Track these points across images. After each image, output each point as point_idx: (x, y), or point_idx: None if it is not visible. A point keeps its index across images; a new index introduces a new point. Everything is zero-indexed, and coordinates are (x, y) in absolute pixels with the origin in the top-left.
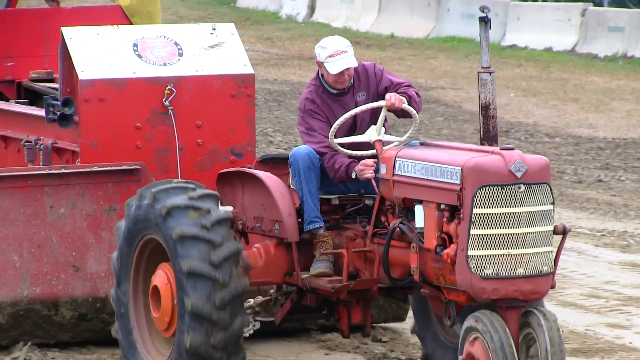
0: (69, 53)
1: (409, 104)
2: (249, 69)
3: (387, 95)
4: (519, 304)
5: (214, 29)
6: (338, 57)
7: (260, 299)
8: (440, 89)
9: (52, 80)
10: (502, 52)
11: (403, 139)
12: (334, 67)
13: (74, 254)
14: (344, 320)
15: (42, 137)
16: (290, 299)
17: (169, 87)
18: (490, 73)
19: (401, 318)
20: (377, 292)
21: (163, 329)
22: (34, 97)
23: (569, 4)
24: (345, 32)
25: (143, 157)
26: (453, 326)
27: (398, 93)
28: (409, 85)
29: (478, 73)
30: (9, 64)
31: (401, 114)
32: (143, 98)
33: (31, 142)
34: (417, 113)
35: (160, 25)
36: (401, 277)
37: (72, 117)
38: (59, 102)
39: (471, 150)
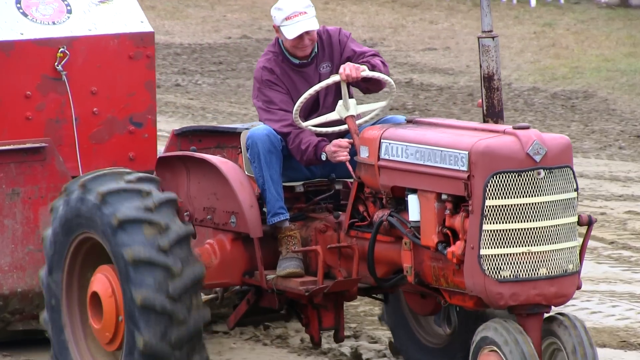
0: None
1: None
2: (147, 27)
3: (342, 67)
4: (541, 310)
5: None
6: (296, 20)
7: (202, 297)
8: None
9: None
10: None
11: (380, 105)
12: (291, 31)
13: None
14: (313, 325)
15: None
16: (247, 300)
17: (61, 49)
18: (493, 38)
19: None
20: (356, 293)
21: (107, 342)
22: None
23: None
24: None
25: (34, 129)
26: (453, 333)
27: (359, 63)
28: (374, 54)
29: (478, 38)
30: None
31: (365, 87)
32: (33, 62)
33: None
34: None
35: None
36: (385, 276)
37: None
38: None
39: (477, 129)
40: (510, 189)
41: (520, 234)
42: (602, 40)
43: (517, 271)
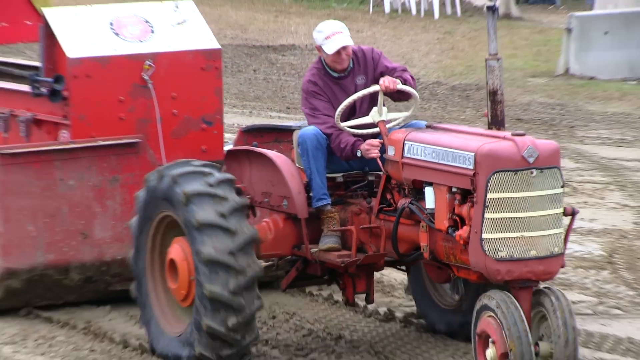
0: (52, 33)
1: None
2: (215, 44)
3: (381, 80)
4: (531, 284)
5: (177, 7)
6: (334, 38)
7: (262, 263)
8: None
9: None
10: None
11: (405, 114)
12: (330, 47)
13: (82, 222)
14: (349, 289)
15: (13, 109)
16: (296, 267)
17: (147, 62)
18: (497, 60)
19: None
20: (383, 265)
21: (182, 299)
22: None
23: None
24: None
25: (126, 128)
26: (461, 300)
27: (393, 77)
28: (404, 70)
29: (486, 60)
30: None
31: (397, 97)
32: (124, 73)
33: (5, 114)
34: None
35: (129, 4)
36: (407, 252)
37: (61, 93)
38: (47, 79)
39: (482, 135)
40: (508, 184)
41: (516, 221)
42: None
43: (512, 252)
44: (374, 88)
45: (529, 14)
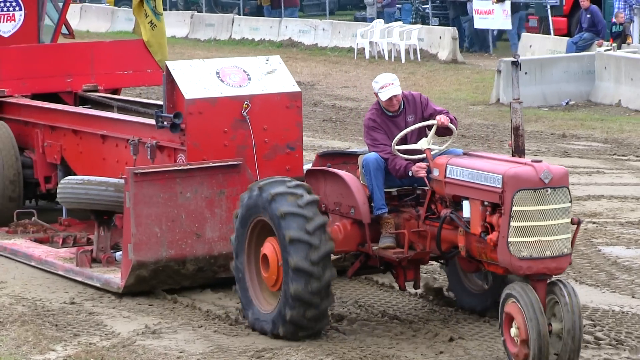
0: (173, 79)
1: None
2: (296, 88)
3: (438, 117)
4: (546, 277)
5: (267, 60)
6: (387, 88)
7: (333, 256)
8: None
9: (96, 91)
10: None
11: (444, 147)
12: (384, 95)
13: (196, 225)
14: (400, 278)
15: (141, 137)
16: (359, 260)
17: (246, 102)
18: (519, 103)
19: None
20: (428, 259)
21: (271, 285)
22: (83, 102)
23: (184, 11)
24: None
25: (229, 152)
26: (488, 286)
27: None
28: (447, 112)
29: (510, 103)
30: (69, 80)
31: (443, 132)
32: (228, 111)
33: (135, 141)
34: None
35: (231, 59)
36: (447, 250)
37: (179, 125)
38: (168, 115)
39: (508, 161)
40: (529, 200)
41: (534, 228)
42: (442, 82)
43: (532, 252)
44: (432, 122)
45: (470, 59)
